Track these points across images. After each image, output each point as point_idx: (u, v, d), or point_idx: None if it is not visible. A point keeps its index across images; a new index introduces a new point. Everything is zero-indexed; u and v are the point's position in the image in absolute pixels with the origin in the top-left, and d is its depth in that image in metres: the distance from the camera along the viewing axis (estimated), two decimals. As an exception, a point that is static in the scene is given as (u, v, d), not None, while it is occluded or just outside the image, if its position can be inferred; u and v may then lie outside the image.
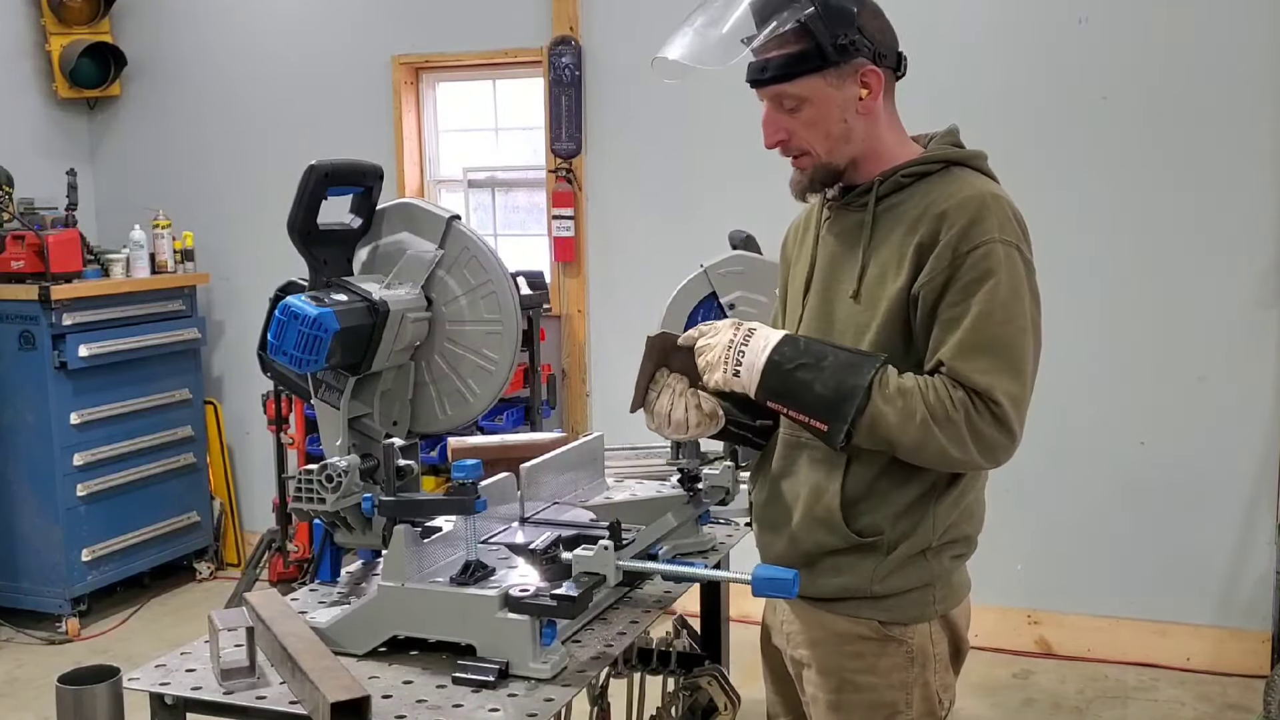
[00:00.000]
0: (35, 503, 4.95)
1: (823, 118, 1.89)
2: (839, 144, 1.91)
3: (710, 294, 2.97)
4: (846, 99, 1.88)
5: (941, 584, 1.95)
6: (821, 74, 1.86)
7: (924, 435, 1.78)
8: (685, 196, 4.85)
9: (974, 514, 1.99)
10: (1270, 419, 4.18)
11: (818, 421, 1.83)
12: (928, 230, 1.84)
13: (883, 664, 1.94)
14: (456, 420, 2.30)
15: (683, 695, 2.95)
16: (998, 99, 4.35)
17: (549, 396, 4.93)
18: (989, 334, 1.80)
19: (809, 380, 1.83)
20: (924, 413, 1.78)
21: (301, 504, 2.16)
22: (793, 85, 1.87)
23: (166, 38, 5.71)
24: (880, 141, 1.93)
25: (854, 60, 1.86)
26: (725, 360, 1.90)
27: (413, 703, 1.85)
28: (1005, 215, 1.84)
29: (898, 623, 1.93)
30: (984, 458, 1.82)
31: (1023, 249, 1.85)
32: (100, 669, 1.94)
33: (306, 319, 2.05)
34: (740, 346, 1.89)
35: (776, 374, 1.86)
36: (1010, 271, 1.82)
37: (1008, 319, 1.81)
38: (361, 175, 2.29)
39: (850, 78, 1.87)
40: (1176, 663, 4.34)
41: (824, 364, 1.83)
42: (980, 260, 1.80)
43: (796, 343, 1.88)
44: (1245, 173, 4.14)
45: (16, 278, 4.86)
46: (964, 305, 1.80)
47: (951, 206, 1.84)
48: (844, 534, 1.91)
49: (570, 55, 4.95)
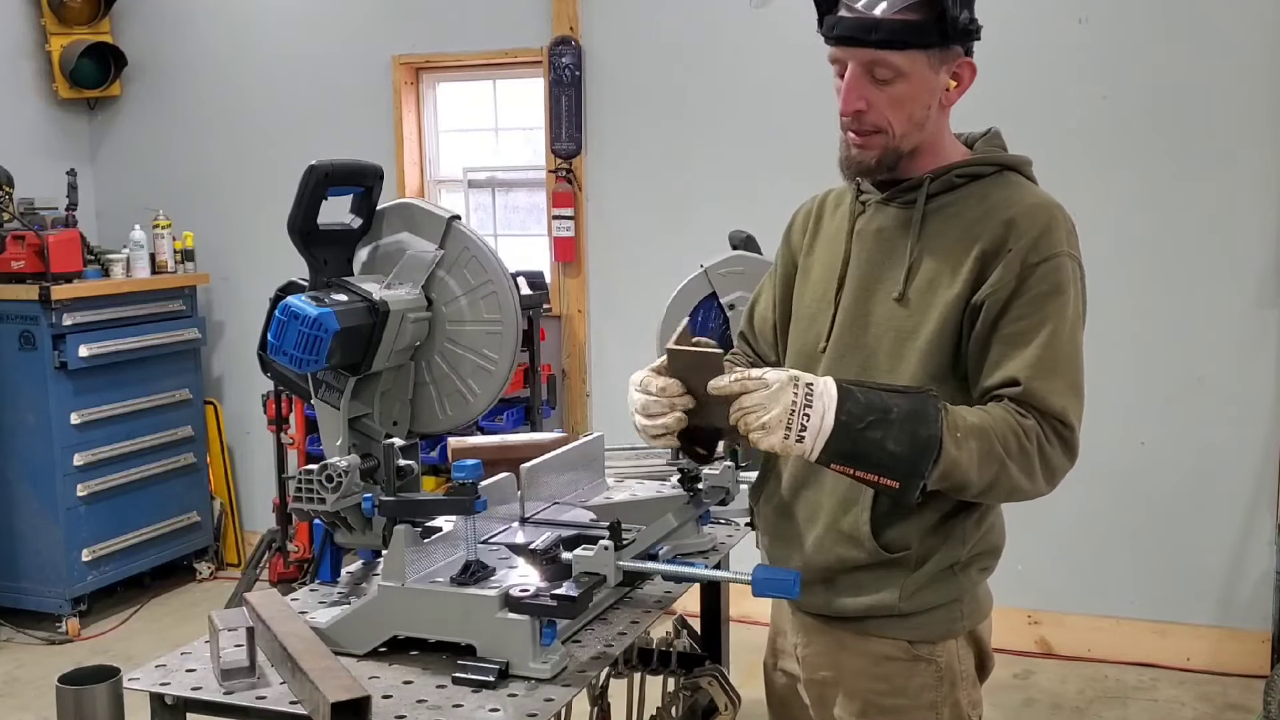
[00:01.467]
0: (35, 503, 4.95)
1: (912, 98, 1.76)
2: (915, 129, 1.79)
3: (710, 294, 2.97)
4: (938, 85, 1.78)
5: (969, 599, 1.88)
6: (931, 52, 1.74)
7: (998, 473, 1.69)
8: (685, 196, 4.85)
9: (996, 527, 1.92)
10: (1270, 419, 4.18)
11: (888, 480, 1.67)
12: (993, 237, 1.75)
13: (912, 685, 1.86)
14: (456, 420, 2.30)
15: (683, 695, 2.94)
16: (997, 99, 4.34)
17: (549, 396, 4.93)
18: (1063, 353, 1.72)
19: (880, 439, 1.64)
20: (1000, 451, 1.68)
21: (301, 504, 2.16)
22: (899, 56, 1.73)
23: (166, 38, 5.71)
24: (943, 137, 1.85)
25: (955, 48, 1.76)
26: (788, 426, 1.65)
27: (413, 703, 1.85)
28: (1070, 228, 1.78)
29: (926, 641, 1.85)
30: (1048, 484, 1.74)
31: (1082, 265, 1.79)
32: (100, 669, 1.94)
33: (306, 319, 2.05)
34: (804, 410, 1.65)
35: (846, 436, 1.65)
36: (1078, 289, 1.76)
37: (1077, 342, 1.75)
38: (361, 175, 2.29)
39: (950, 64, 1.78)
40: (1176, 663, 4.34)
41: (891, 416, 1.64)
42: (1051, 274, 1.72)
43: (856, 396, 1.67)
44: (1245, 172, 4.14)
45: (16, 278, 4.86)
46: (1035, 320, 1.71)
47: (1020, 214, 1.76)
48: (871, 549, 1.81)
49: (570, 55, 4.95)
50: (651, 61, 4.81)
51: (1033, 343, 1.71)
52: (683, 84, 4.80)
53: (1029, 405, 1.70)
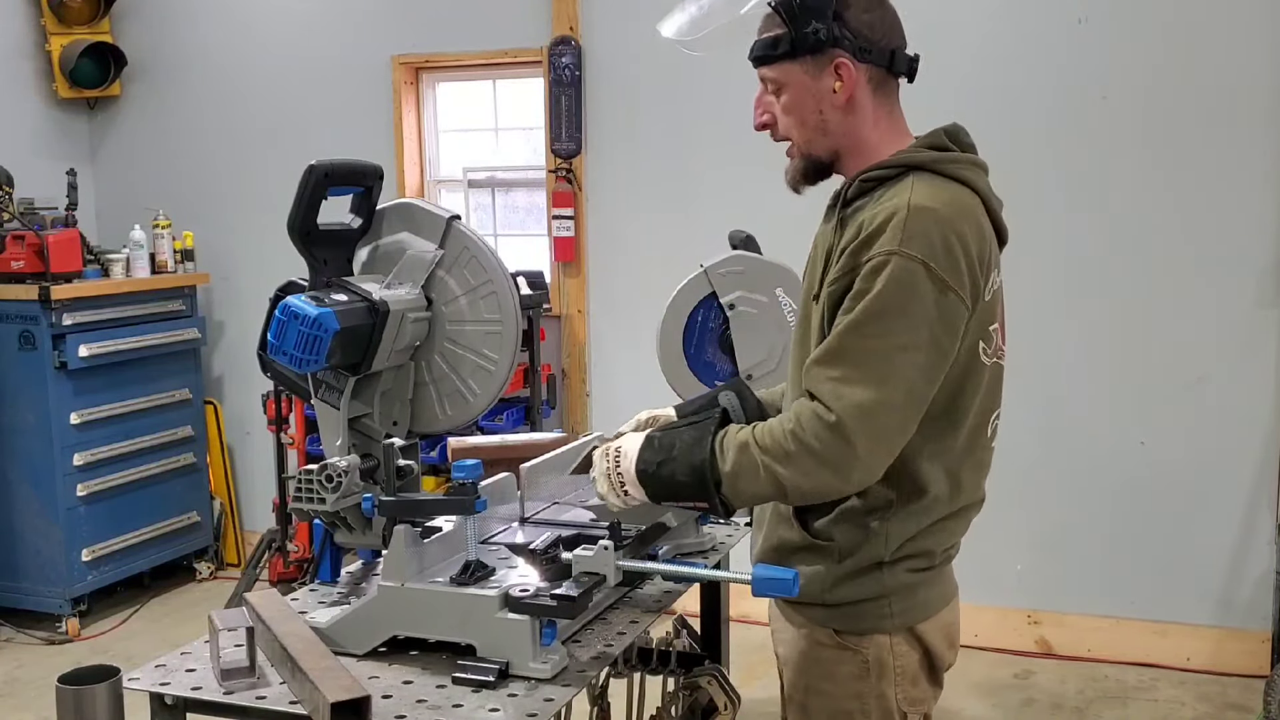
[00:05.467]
0: (35, 503, 4.95)
1: (797, 105, 1.89)
2: (816, 135, 1.90)
3: (710, 294, 2.97)
4: (822, 90, 1.86)
5: (901, 597, 1.89)
6: (798, 61, 1.86)
7: (776, 478, 1.74)
8: (685, 197, 4.85)
9: (945, 528, 1.91)
10: (1270, 419, 4.18)
11: (698, 504, 1.84)
12: (847, 237, 1.81)
13: (840, 672, 1.91)
14: (456, 420, 2.31)
15: (683, 695, 2.94)
16: (997, 99, 4.35)
17: (549, 396, 4.93)
18: (854, 343, 1.73)
19: (672, 473, 1.83)
20: (765, 459, 1.75)
21: (301, 504, 2.16)
22: (770, 69, 1.89)
23: (166, 38, 5.71)
24: (862, 140, 1.89)
25: (829, 51, 1.84)
26: (612, 486, 1.91)
27: (413, 703, 1.85)
28: (919, 228, 1.73)
29: (852, 632, 1.90)
30: (836, 478, 1.73)
31: (932, 265, 1.72)
32: (100, 669, 1.94)
33: (306, 319, 2.06)
34: (615, 470, 1.90)
35: (650, 482, 1.86)
36: (901, 285, 1.72)
37: (883, 333, 1.72)
38: (361, 175, 2.29)
39: (826, 69, 1.85)
40: (1176, 663, 4.34)
41: (675, 452, 1.83)
42: (870, 273, 1.73)
43: (652, 442, 1.88)
44: (1245, 172, 4.14)
45: (16, 278, 4.87)
46: (845, 315, 1.75)
47: (873, 216, 1.78)
48: (799, 532, 1.90)
49: (570, 55, 4.95)
50: (651, 61, 4.81)
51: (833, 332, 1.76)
52: (683, 84, 4.80)
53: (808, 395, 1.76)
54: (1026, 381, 4.36)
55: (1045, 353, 4.32)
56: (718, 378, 2.96)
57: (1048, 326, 4.31)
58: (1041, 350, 4.29)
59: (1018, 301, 4.32)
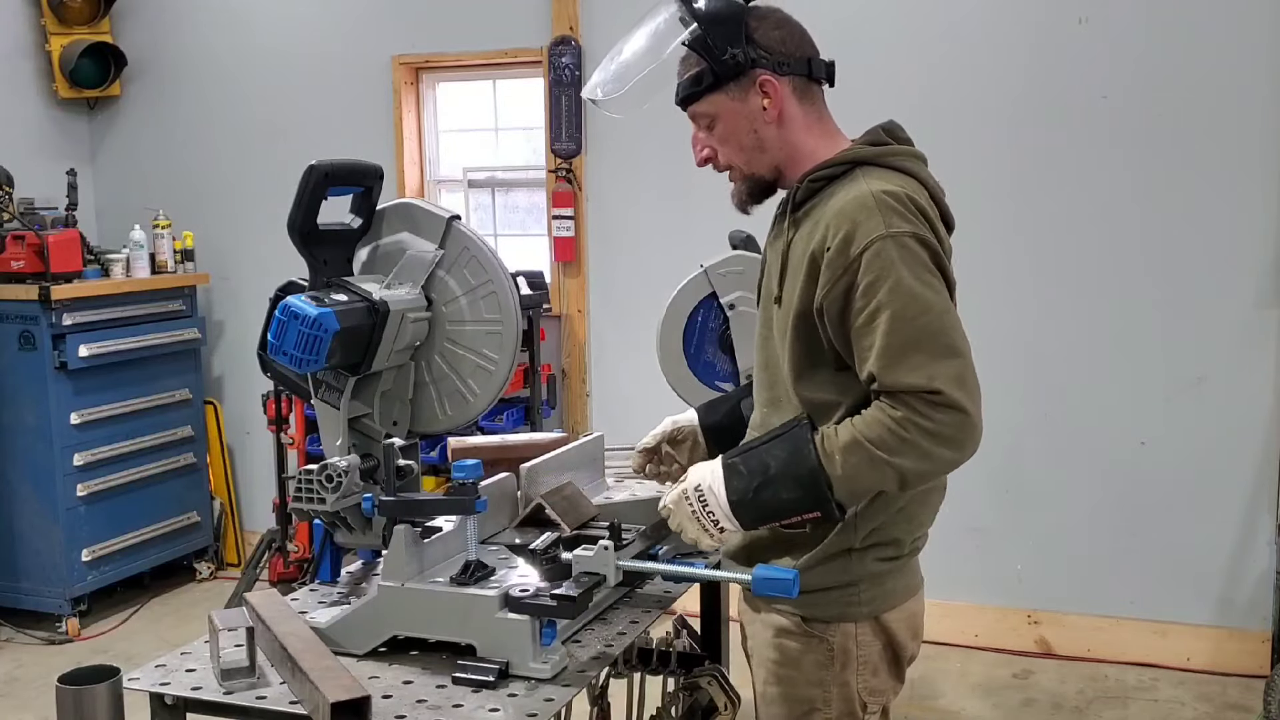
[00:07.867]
0: (35, 503, 4.95)
1: (733, 131, 1.95)
2: (755, 154, 1.96)
3: (710, 294, 2.96)
4: (752, 110, 1.93)
5: (869, 585, 1.94)
6: (722, 90, 1.92)
7: (895, 470, 1.77)
8: (685, 196, 4.85)
9: (913, 517, 1.97)
10: (1270, 419, 4.18)
11: (809, 516, 1.84)
12: (819, 238, 1.84)
13: (805, 660, 1.96)
14: (456, 420, 2.31)
15: (683, 695, 2.94)
16: (997, 99, 4.35)
17: (549, 396, 4.93)
18: (909, 331, 1.76)
19: (774, 494, 1.83)
20: (880, 454, 1.76)
21: (301, 504, 2.16)
22: (699, 105, 1.95)
23: (166, 38, 5.71)
24: (798, 148, 1.96)
25: (750, 72, 1.91)
26: (704, 528, 1.90)
27: (413, 703, 1.85)
28: (889, 207, 1.80)
29: (819, 620, 1.94)
30: (954, 451, 1.77)
31: (919, 232, 1.81)
32: (100, 669, 1.94)
33: (306, 319, 2.06)
34: (705, 511, 1.88)
35: (749, 509, 1.86)
36: (907, 261, 1.78)
37: (924, 309, 1.77)
38: (361, 175, 2.29)
39: (751, 89, 1.92)
40: (1176, 663, 4.34)
41: (771, 471, 1.83)
42: (872, 261, 1.78)
43: (738, 469, 1.87)
44: (1245, 172, 4.13)
45: (16, 278, 4.86)
46: (871, 309, 1.78)
47: (832, 213, 1.84)
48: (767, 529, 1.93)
49: (570, 55, 4.95)
50: (651, 61, 4.80)
51: (877, 333, 1.78)
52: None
53: (892, 394, 1.77)
54: (1026, 381, 4.37)
55: (1045, 353, 4.32)
56: (718, 378, 2.96)
57: (1048, 326, 4.31)
58: (1041, 350, 4.29)
59: (1018, 301, 4.35)
